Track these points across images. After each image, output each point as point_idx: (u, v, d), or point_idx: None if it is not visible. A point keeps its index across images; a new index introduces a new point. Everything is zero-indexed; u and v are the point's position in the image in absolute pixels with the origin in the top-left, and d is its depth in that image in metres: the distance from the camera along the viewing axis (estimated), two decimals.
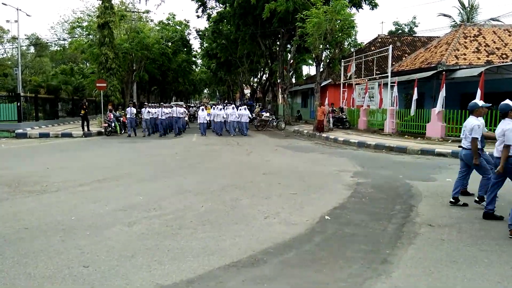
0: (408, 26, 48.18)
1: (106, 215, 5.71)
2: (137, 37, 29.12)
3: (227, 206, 6.29)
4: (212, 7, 33.93)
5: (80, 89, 35.71)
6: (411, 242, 4.67)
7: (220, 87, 62.95)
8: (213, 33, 33.04)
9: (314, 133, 19.82)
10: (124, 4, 33.51)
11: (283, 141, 17.47)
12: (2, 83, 38.34)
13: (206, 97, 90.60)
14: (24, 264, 3.96)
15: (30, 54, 49.28)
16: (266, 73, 40.28)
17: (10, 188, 7.43)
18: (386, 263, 4.06)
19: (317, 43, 19.74)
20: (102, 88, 24.03)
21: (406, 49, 30.59)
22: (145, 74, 32.85)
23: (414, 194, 7.12)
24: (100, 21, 25.25)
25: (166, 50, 32.79)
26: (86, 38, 31.59)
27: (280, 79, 29.66)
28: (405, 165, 10.73)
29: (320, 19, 18.61)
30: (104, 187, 7.73)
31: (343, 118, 22.44)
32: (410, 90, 18.73)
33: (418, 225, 5.31)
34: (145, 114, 20.44)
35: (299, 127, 24.30)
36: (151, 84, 41.51)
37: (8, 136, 19.36)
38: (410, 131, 17.47)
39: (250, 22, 27.34)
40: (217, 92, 78.02)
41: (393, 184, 8.02)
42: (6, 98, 23.18)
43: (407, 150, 13.26)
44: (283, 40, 27.76)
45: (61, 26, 47.66)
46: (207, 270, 3.87)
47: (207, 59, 41.69)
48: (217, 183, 8.12)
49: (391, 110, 18.39)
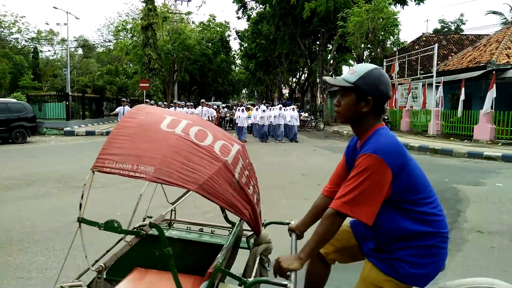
0: (454, 24, 46.36)
1: (149, 211, 5.83)
2: (179, 38, 29.80)
3: (266, 206, 6.27)
4: (252, 8, 34.23)
5: (124, 89, 36.97)
6: (459, 249, 4.47)
7: (258, 87, 63.17)
8: (253, 33, 33.24)
9: None
10: (167, 6, 34.39)
11: (322, 142, 17.27)
12: (52, 83, 40.33)
13: (244, 97, 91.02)
14: (73, 256, 4.13)
15: (78, 55, 51.52)
16: (305, 73, 40.03)
17: (59, 184, 7.80)
18: None
19: (358, 43, 19.41)
20: (145, 88, 24.76)
21: (453, 48, 29.39)
22: (186, 74, 33.56)
23: (461, 198, 6.81)
24: (143, 23, 26.07)
25: (207, 51, 33.33)
26: (130, 40, 32.67)
27: (320, 79, 29.36)
28: (451, 168, 10.31)
29: (362, 18, 18.28)
30: (145, 184, 7.92)
31: (384, 119, 21.89)
32: (456, 90, 17.99)
33: (466, 231, 5.08)
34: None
35: (338, 128, 23.94)
36: (191, 84, 42.31)
37: (58, 134, 20.36)
38: (456, 133, 16.77)
39: (290, 22, 27.28)
40: (255, 92, 78.36)
41: (438, 188, 7.71)
42: (56, 98, 24.31)
43: (453, 153, 12.73)
44: (323, 40, 27.46)
45: (107, 28, 49.77)
46: None
47: (246, 60, 41.99)
48: None
49: (436, 111, 17.73)
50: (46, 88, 37.91)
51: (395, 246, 1.74)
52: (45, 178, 8.40)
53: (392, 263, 1.72)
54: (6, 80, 29.49)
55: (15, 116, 15.94)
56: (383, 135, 1.76)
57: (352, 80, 1.82)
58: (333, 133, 22.24)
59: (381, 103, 1.83)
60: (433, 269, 1.74)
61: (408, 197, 1.72)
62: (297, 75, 45.58)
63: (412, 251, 1.71)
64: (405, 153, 1.73)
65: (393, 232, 1.74)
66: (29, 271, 3.78)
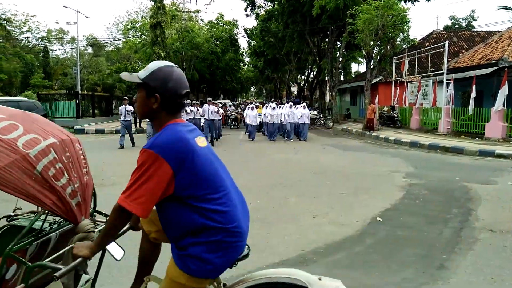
0: (465, 20, 45.82)
1: None
2: (187, 37, 29.86)
3: (275, 204, 6.27)
4: (260, 6, 34.17)
5: (133, 87, 37.12)
6: (470, 248, 4.41)
7: (267, 85, 63.10)
8: (261, 31, 33.20)
9: (364, 132, 19.34)
10: (175, 4, 34.47)
11: (331, 140, 17.19)
12: (62, 81, 40.70)
13: (252, 95, 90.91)
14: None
15: (87, 54, 51.89)
16: (313, 70, 39.88)
17: None
18: (443, 269, 3.87)
19: (367, 40, 19.24)
20: None
21: (464, 45, 29.06)
22: (195, 72, 33.60)
23: (473, 197, 6.73)
24: (152, 21, 26.14)
25: (215, 49, 33.33)
26: (139, 38, 32.81)
27: (329, 77, 29.22)
28: (462, 166, 10.19)
29: (372, 15, 18.11)
30: None
31: (394, 116, 21.72)
32: (467, 88, 17.77)
33: (477, 230, 5.01)
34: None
35: (347, 126, 23.83)
36: (200, 83, 42.40)
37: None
38: (467, 131, 16.57)
39: (299, 19, 27.18)
40: (263, 90, 78.28)
41: (449, 186, 7.64)
42: (66, 96, 24.53)
43: (464, 151, 12.58)
44: (332, 37, 27.31)
45: (116, 27, 50.06)
46: (257, 267, 3.86)
47: (255, 57, 41.95)
48: (265, 180, 8.13)
49: (447, 108, 17.54)
50: (57, 87, 38.28)
51: (185, 242, 1.77)
52: None
53: (184, 258, 1.76)
54: (17, 79, 29.86)
55: None
56: (167, 131, 1.77)
57: (142, 76, 1.84)
58: (342, 131, 22.13)
59: (171, 100, 1.83)
60: (222, 262, 1.79)
61: (193, 193, 1.73)
62: (306, 73, 45.44)
63: (201, 247, 1.74)
64: (189, 149, 1.74)
65: (181, 228, 1.76)
66: None
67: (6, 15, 35.90)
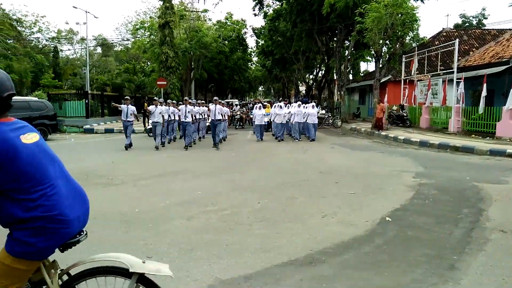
0: (476, 18, 45.25)
1: (167, 208, 5.90)
2: (196, 36, 29.90)
3: (283, 203, 6.25)
4: (268, 5, 34.09)
5: (142, 87, 37.35)
6: (481, 249, 4.35)
7: (275, 84, 63.00)
8: (270, 30, 33.14)
9: (373, 131, 19.22)
10: (183, 4, 34.55)
11: (340, 139, 17.10)
12: (72, 81, 41.05)
13: (260, 95, 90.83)
14: (92, 252, 4.16)
15: (97, 54, 52.26)
16: (322, 69, 39.73)
17: (79, 181, 7.86)
18: (454, 270, 3.82)
19: (376, 39, 19.12)
20: (163, 86, 24.96)
21: (474, 43, 28.74)
22: (203, 72, 33.67)
23: (484, 197, 6.64)
24: (161, 21, 26.25)
25: (223, 49, 33.35)
26: (148, 38, 32.95)
27: (337, 76, 29.08)
28: (472, 166, 10.07)
29: (381, 14, 17.99)
30: (164, 182, 8.01)
31: (403, 116, 21.55)
32: (478, 86, 17.56)
33: (488, 231, 4.94)
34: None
35: (356, 125, 23.69)
36: (208, 82, 42.48)
37: (77, 131, 20.74)
38: (478, 130, 16.38)
39: (307, 18, 27.09)
40: (272, 90, 78.18)
41: (459, 186, 7.55)
42: (76, 96, 24.73)
43: (474, 150, 12.44)
44: (341, 36, 27.17)
45: (125, 27, 50.31)
46: (264, 267, 3.85)
47: (263, 57, 41.89)
48: (272, 180, 8.11)
49: (457, 107, 17.35)
50: (66, 87, 38.57)
51: (12, 228, 1.98)
52: None
53: (11, 242, 1.96)
54: (27, 79, 30.17)
55: (36, 114, 16.27)
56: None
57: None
58: (351, 130, 22.01)
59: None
60: (45, 246, 1.98)
61: (15, 187, 1.92)
62: (314, 72, 45.27)
63: (26, 232, 1.94)
64: (10, 147, 1.89)
65: (7, 217, 1.96)
66: None
67: (17, 15, 36.34)
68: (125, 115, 13.58)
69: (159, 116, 13.89)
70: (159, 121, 13.90)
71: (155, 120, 13.83)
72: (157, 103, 14.00)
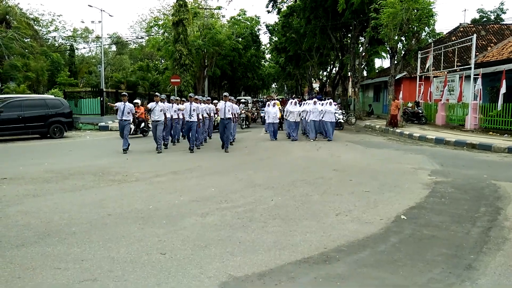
0: (494, 13, 44.24)
1: (181, 206, 5.93)
2: (209, 34, 29.98)
3: (297, 201, 6.22)
4: (282, 1, 33.97)
5: (156, 84, 37.59)
6: (500, 248, 4.27)
7: (288, 81, 62.81)
8: (283, 27, 33.02)
9: (387, 128, 19.01)
10: (197, 2, 34.64)
11: (354, 136, 16.95)
12: (87, 79, 41.53)
13: (274, 92, 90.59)
14: (108, 248, 4.23)
15: (111, 52, 52.75)
16: (336, 66, 39.44)
17: (95, 177, 8.01)
18: (471, 269, 3.75)
19: (392, 34, 18.86)
20: (176, 84, 25.09)
21: (492, 39, 28.16)
22: (216, 69, 33.74)
23: (502, 195, 6.51)
24: (174, 19, 26.39)
25: (237, 46, 33.36)
26: (162, 36, 33.14)
27: (351, 72, 28.83)
28: (490, 164, 9.88)
29: (396, 9, 17.74)
30: (178, 179, 8.05)
31: (419, 113, 21.24)
32: (496, 83, 17.20)
33: (507, 230, 4.84)
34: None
35: (370, 122, 23.47)
36: (221, 79, 42.56)
37: (92, 129, 20.98)
38: (496, 127, 16.05)
39: (321, 14, 26.91)
40: (285, 87, 77.95)
41: (477, 184, 7.41)
42: (91, 94, 24.98)
43: (492, 148, 12.21)
44: (355, 32, 26.92)
45: (139, 25, 50.69)
46: (278, 265, 3.84)
47: (276, 54, 41.77)
48: (286, 177, 8.08)
49: (474, 104, 17.03)
50: (82, 85, 39.08)
51: None
52: (82, 171, 8.66)
53: None
54: (44, 77, 30.58)
55: (52, 111, 16.52)
56: None
57: None
58: (365, 127, 21.81)
59: None
60: None
61: None
62: (328, 69, 44.95)
63: None
64: None
65: None
66: (66, 262, 3.89)
67: (34, 15, 36.93)
68: (121, 113, 11.97)
69: (160, 113, 12.14)
70: (160, 120, 12.13)
71: (156, 118, 12.07)
72: (158, 99, 12.31)
